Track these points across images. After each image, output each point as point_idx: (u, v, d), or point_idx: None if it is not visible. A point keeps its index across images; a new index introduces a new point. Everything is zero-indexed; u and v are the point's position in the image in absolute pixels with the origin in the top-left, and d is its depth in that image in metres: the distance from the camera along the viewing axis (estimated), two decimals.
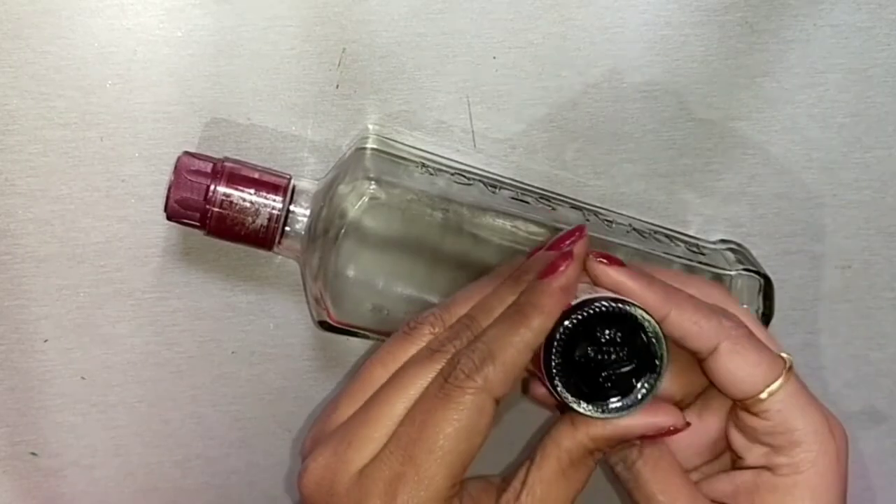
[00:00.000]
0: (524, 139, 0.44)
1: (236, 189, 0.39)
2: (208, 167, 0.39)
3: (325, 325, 0.41)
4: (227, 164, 0.39)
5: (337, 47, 0.41)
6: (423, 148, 0.43)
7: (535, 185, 0.44)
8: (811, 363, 0.52)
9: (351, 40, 0.41)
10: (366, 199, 0.38)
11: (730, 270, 0.43)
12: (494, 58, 0.42)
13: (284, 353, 0.46)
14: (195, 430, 0.47)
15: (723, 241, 0.46)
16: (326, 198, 0.39)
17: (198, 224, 0.39)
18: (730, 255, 0.45)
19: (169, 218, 0.39)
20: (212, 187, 0.38)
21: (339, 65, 0.41)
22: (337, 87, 0.41)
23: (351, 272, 0.39)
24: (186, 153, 0.39)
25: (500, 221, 0.41)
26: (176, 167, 0.38)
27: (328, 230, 0.39)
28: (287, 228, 0.40)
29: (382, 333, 0.41)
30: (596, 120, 0.44)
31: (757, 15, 0.43)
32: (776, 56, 0.44)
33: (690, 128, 0.45)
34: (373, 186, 0.38)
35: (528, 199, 0.42)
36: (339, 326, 0.41)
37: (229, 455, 0.48)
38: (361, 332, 0.42)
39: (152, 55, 0.39)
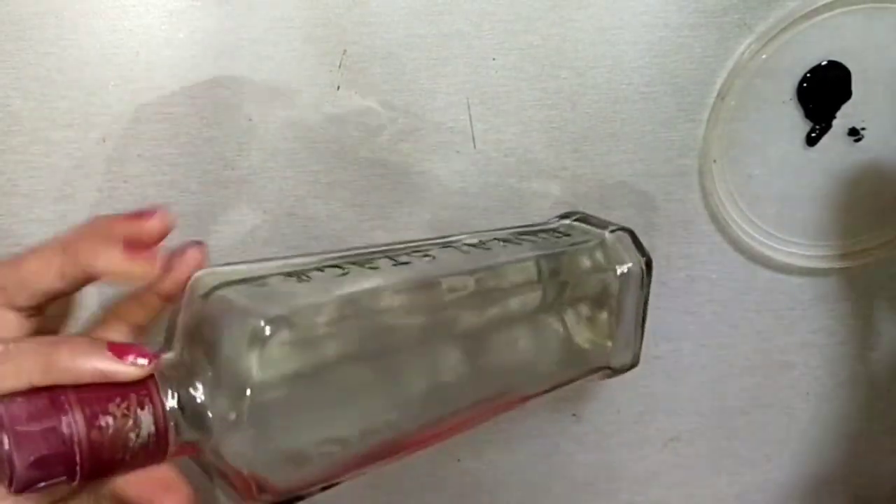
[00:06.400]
0: (524, 140, 0.44)
1: (98, 410, 0.29)
2: (44, 401, 0.29)
3: None
4: (68, 391, 0.30)
5: (338, 49, 0.41)
6: (264, 258, 0.36)
7: (386, 243, 0.39)
8: (809, 362, 0.52)
9: (352, 42, 0.41)
10: (273, 348, 0.31)
11: (600, 237, 0.42)
12: (494, 59, 0.42)
13: None
14: None
15: (563, 215, 0.45)
16: (212, 362, 0.32)
17: (63, 478, 0.29)
18: (583, 225, 0.43)
19: (20, 492, 0.29)
20: (66, 424, 0.29)
21: (339, 66, 0.41)
22: (338, 88, 0.41)
23: (286, 429, 0.32)
24: (0, 401, 0.29)
25: (402, 297, 0.35)
26: (1, 424, 0.28)
27: (236, 399, 0.31)
28: (171, 425, 0.31)
29: (337, 474, 0.35)
30: (595, 121, 0.44)
31: (755, 17, 0.43)
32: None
33: (689, 129, 0.45)
34: (268, 330, 0.30)
35: (404, 258, 0.37)
36: (285, 500, 0.33)
37: None
38: (313, 488, 0.34)
39: (154, 56, 0.39)
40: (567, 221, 0.44)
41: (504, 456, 0.51)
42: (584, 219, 0.44)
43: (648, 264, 0.42)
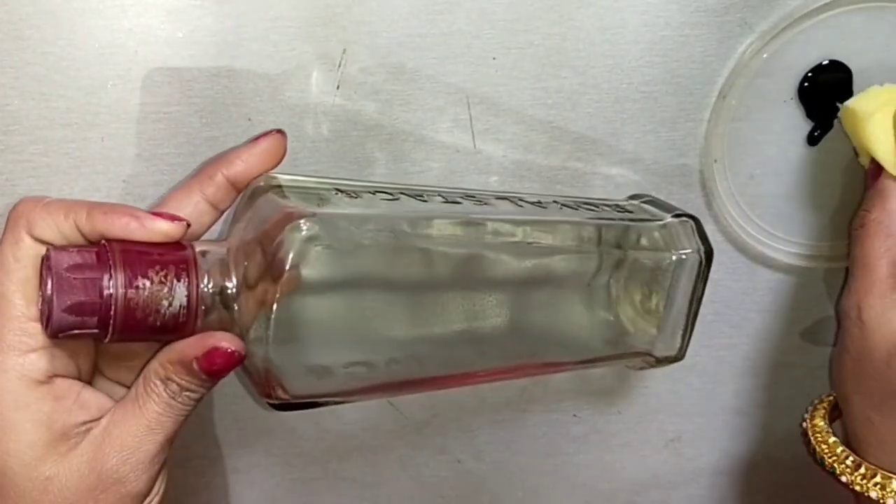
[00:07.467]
0: (524, 139, 0.44)
1: (138, 272, 0.32)
2: (92, 257, 0.32)
3: (282, 406, 0.35)
4: (114, 244, 0.33)
5: (337, 48, 0.41)
6: (319, 175, 0.39)
7: (450, 186, 0.42)
8: (809, 363, 0.52)
9: (351, 41, 0.41)
10: (309, 244, 0.32)
11: (664, 219, 0.42)
12: (494, 58, 0.42)
13: None
14: (195, 430, 0.47)
15: (633, 196, 0.45)
16: (249, 255, 0.34)
17: (95, 331, 0.32)
18: (650, 207, 0.43)
19: (54, 335, 0.32)
20: (107, 279, 0.32)
21: (339, 65, 0.41)
22: (337, 87, 0.41)
23: (309, 336, 0.34)
24: (54, 249, 0.33)
25: (445, 228, 0.37)
26: (48, 268, 0.32)
27: (266, 293, 0.32)
28: (202, 307, 0.34)
29: (356, 392, 0.37)
30: (596, 120, 0.44)
31: (756, 16, 0.43)
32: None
33: (690, 128, 0.45)
34: (306, 230, 0.32)
35: (458, 199, 0.39)
36: (300, 402, 0.35)
37: (229, 455, 0.48)
38: (329, 399, 0.36)
39: (153, 56, 0.39)
40: (636, 202, 0.44)
41: (504, 457, 0.51)
42: (653, 202, 0.44)
43: (709, 256, 0.41)
